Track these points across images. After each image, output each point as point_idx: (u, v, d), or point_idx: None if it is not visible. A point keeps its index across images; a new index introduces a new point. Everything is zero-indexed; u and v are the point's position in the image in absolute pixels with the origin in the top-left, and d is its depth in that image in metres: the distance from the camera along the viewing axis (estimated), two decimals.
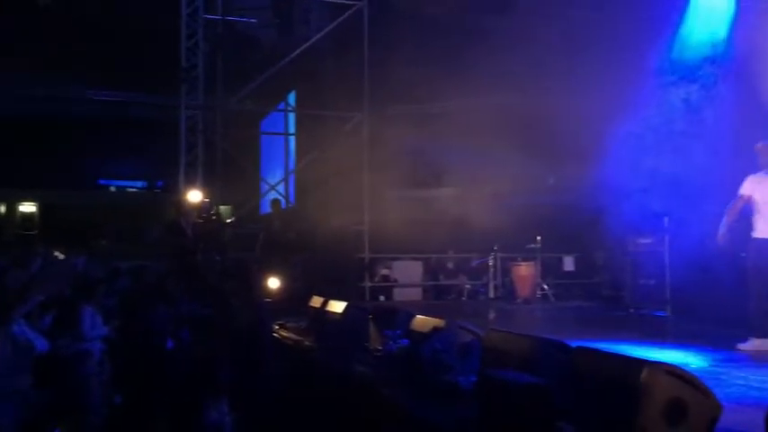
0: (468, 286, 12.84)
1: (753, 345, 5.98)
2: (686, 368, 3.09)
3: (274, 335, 6.67)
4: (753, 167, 6.43)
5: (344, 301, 6.51)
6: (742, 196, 6.29)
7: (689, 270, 8.95)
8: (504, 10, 11.07)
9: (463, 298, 12.66)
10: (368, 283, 11.79)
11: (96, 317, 5.47)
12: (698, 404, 3.09)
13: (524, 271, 11.75)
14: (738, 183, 6.45)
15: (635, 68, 10.85)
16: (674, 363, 3.28)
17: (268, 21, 12.31)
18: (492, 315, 10.55)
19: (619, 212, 10.73)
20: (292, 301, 8.68)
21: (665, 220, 9.37)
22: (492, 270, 12.39)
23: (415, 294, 12.53)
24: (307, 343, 6.21)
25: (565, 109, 11.02)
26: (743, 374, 4.94)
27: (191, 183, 11.56)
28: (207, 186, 11.51)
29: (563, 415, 3.38)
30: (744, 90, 9.23)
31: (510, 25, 10.92)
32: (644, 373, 3.03)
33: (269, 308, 6.83)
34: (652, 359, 3.22)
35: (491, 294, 12.41)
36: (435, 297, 12.75)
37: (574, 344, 3.88)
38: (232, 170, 12.40)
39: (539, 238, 11.67)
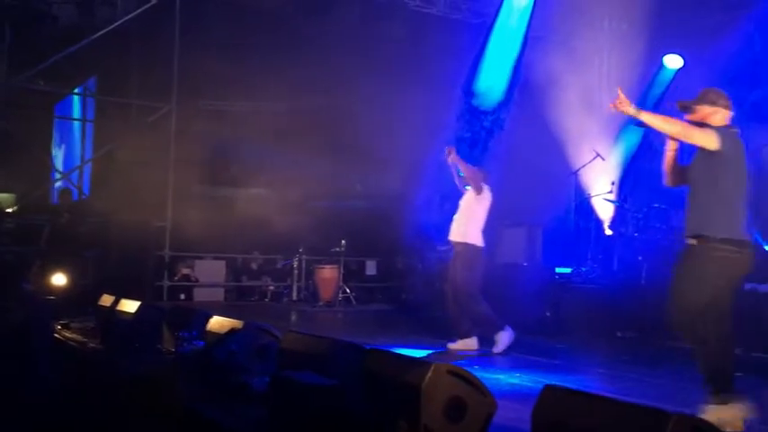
0: (271, 288, 12.77)
1: (459, 344, 6.81)
2: (466, 368, 3.28)
3: (55, 335, 6.18)
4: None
5: (139, 300, 6.19)
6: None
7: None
8: (323, 14, 11.18)
9: (266, 299, 12.57)
10: (167, 282, 11.31)
11: None
12: (476, 402, 3.30)
13: (327, 274, 11.91)
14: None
15: (441, 87, 11.50)
16: (456, 363, 3.47)
17: None
18: (294, 317, 10.58)
19: (419, 220, 11.30)
20: (81, 300, 8.09)
21: None
22: (296, 272, 12.43)
23: (217, 295, 12.23)
24: (92, 344, 5.81)
25: (374, 118, 11.37)
26: (517, 374, 5.38)
27: None
28: None
29: (355, 415, 3.46)
30: (533, 117, 10.14)
31: (326, 30, 11.05)
32: (428, 374, 3.17)
33: (51, 306, 6.31)
34: (436, 360, 3.39)
35: (294, 296, 12.45)
36: (238, 298, 12.54)
37: (368, 346, 3.99)
38: (17, 155, 11.32)
39: (343, 242, 11.88)
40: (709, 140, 4.13)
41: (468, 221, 6.91)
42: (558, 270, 9.65)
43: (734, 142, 4.18)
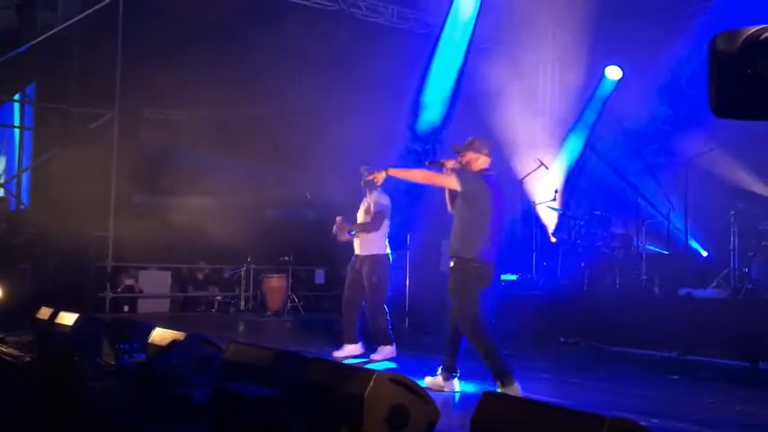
0: (219, 298, 12.60)
1: (345, 351, 6.93)
2: (408, 377, 3.29)
3: None
4: None
5: (80, 312, 6.04)
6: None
7: (420, 285, 9.77)
8: (269, 23, 11.13)
9: (213, 310, 12.39)
10: (109, 294, 11.04)
11: None
12: (418, 410, 3.31)
13: (276, 283, 11.82)
14: None
15: (390, 97, 11.58)
16: (397, 371, 3.48)
17: (6, 3, 11.04)
18: (241, 327, 10.45)
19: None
20: (18, 313, 7.84)
21: (408, 237, 9.99)
22: (244, 282, 12.30)
23: (162, 306, 12.00)
24: (28, 359, 5.63)
25: (322, 127, 11.36)
26: (461, 381, 5.41)
27: None
28: None
29: (297, 426, 3.44)
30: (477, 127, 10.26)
31: (272, 39, 10.99)
32: (370, 382, 3.18)
33: None
34: (378, 368, 3.39)
35: (242, 306, 12.31)
36: (184, 309, 12.33)
37: (312, 356, 3.97)
38: None
39: (290, 251, 11.82)
40: (451, 182, 5.23)
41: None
42: (503, 277, 9.78)
43: (478, 183, 5.23)
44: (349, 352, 6.91)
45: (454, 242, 5.26)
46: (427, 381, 5.22)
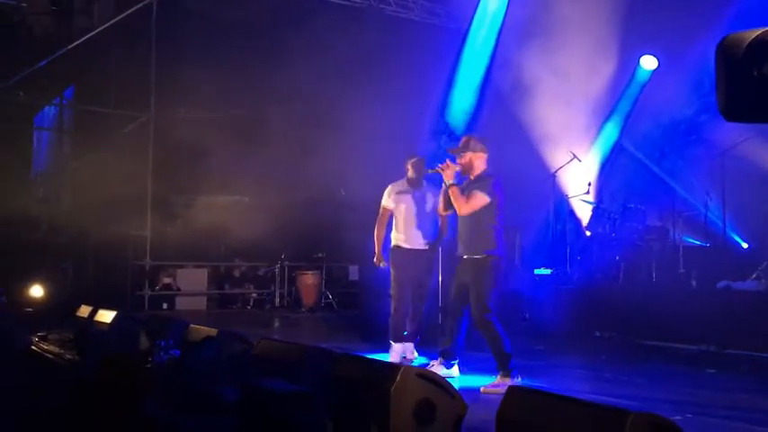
0: (254, 295, 12.75)
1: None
2: (435, 372, 3.31)
3: (33, 347, 6.15)
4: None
5: (119, 310, 6.18)
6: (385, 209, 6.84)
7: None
8: (299, 22, 11.20)
9: (249, 307, 12.54)
10: (148, 292, 11.26)
11: None
12: (445, 404, 3.32)
13: (310, 280, 11.92)
14: None
15: (419, 94, 11.58)
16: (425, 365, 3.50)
17: (42, 8, 11.32)
18: (276, 324, 10.57)
19: None
20: (59, 311, 8.04)
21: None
22: (278, 279, 12.42)
23: (199, 303, 12.18)
24: (68, 356, 5.78)
25: (357, 124, 11.39)
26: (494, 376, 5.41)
27: None
28: None
29: (325, 422, 3.48)
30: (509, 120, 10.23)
31: (303, 37, 11.07)
32: (396, 377, 3.20)
33: (23, 318, 6.27)
34: (405, 364, 3.41)
35: (277, 303, 12.44)
36: (220, 306, 12.51)
37: (340, 351, 4.01)
38: None
39: (324, 248, 11.90)
40: (481, 200, 5.54)
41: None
42: (537, 272, 9.71)
43: (496, 188, 5.58)
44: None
45: (469, 239, 5.60)
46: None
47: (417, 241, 6.65)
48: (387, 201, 6.85)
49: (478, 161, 5.66)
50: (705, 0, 10.16)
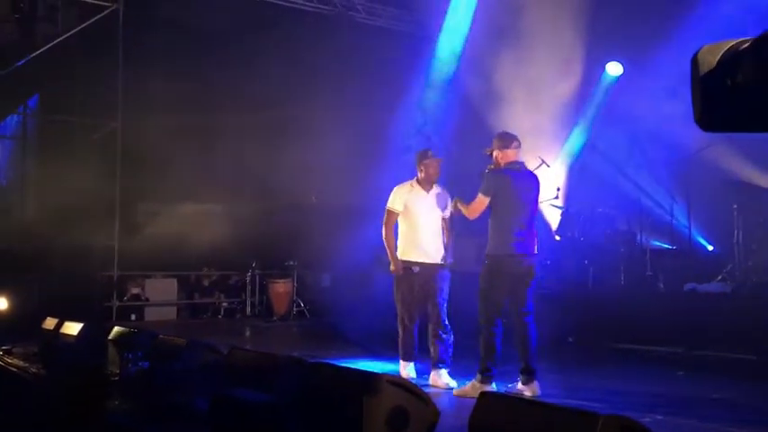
0: (225, 304, 12.62)
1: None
2: (408, 378, 3.30)
3: None
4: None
5: (86, 322, 6.08)
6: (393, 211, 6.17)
7: None
8: (268, 29, 11.17)
9: (220, 316, 12.42)
10: (116, 303, 11.08)
11: None
12: (418, 411, 3.32)
13: (281, 288, 11.83)
14: None
15: (391, 100, 11.62)
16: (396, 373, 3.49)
17: (4, 15, 11.11)
18: (247, 332, 10.48)
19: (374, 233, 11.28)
20: (24, 324, 7.88)
21: None
22: (249, 287, 12.32)
23: (169, 313, 12.02)
24: (34, 369, 5.67)
25: (327, 131, 11.38)
26: (467, 381, 5.43)
27: None
28: None
29: (297, 430, 3.45)
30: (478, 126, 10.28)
31: (273, 45, 11.03)
32: (369, 384, 3.19)
33: None
34: (377, 371, 3.40)
35: (248, 312, 12.33)
36: (191, 316, 12.35)
37: (313, 360, 3.99)
38: None
39: (296, 256, 11.84)
40: (481, 202, 5.50)
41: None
42: None
43: (494, 180, 5.51)
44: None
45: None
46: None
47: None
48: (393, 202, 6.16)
49: (503, 157, 5.56)
50: (669, 7, 10.34)
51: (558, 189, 10.54)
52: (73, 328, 6.00)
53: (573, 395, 5.27)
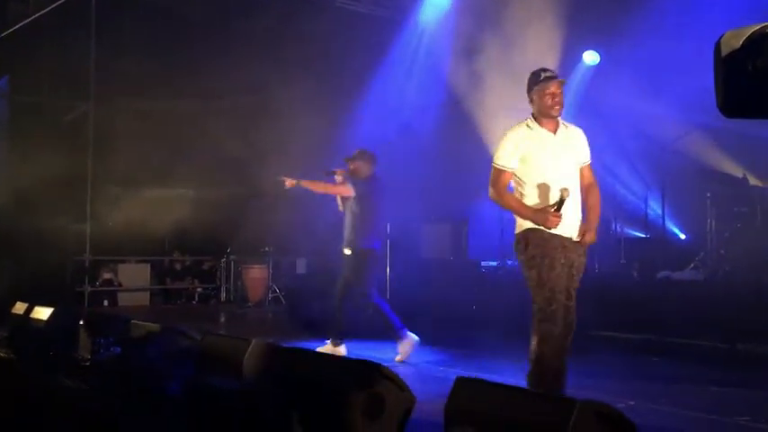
0: (199, 290, 12.53)
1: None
2: (384, 363, 3.28)
3: None
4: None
5: (57, 307, 5.97)
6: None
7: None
8: (246, 14, 11.02)
9: (194, 302, 12.32)
10: (88, 288, 10.93)
11: None
12: (394, 397, 3.30)
13: (256, 274, 11.76)
14: None
15: (367, 87, 11.55)
16: (373, 359, 3.47)
17: None
18: (222, 318, 10.40)
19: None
20: None
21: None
22: (224, 273, 12.23)
23: (142, 299, 11.91)
24: (3, 354, 5.57)
25: (304, 115, 11.27)
26: (441, 367, 5.43)
27: None
28: None
29: (271, 418, 3.41)
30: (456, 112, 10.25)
31: (249, 30, 10.89)
32: (345, 370, 3.16)
33: None
34: (354, 357, 3.38)
35: (222, 298, 12.25)
36: (165, 301, 12.24)
37: (287, 345, 3.95)
38: None
39: (271, 241, 11.76)
40: (345, 190, 6.68)
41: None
42: (483, 264, 9.79)
43: (366, 187, 6.60)
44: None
45: (350, 234, 6.54)
46: (325, 348, 6.30)
47: None
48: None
49: (365, 169, 6.63)
50: None
51: None
52: (44, 313, 5.89)
53: None
